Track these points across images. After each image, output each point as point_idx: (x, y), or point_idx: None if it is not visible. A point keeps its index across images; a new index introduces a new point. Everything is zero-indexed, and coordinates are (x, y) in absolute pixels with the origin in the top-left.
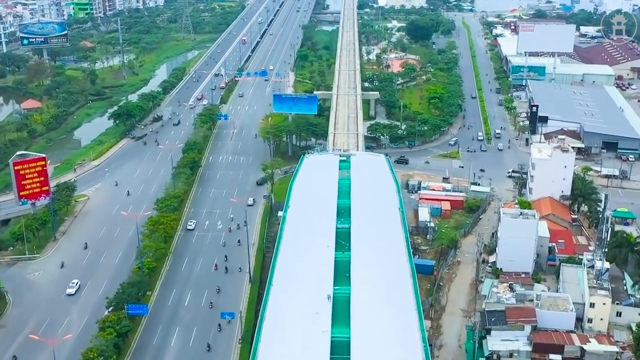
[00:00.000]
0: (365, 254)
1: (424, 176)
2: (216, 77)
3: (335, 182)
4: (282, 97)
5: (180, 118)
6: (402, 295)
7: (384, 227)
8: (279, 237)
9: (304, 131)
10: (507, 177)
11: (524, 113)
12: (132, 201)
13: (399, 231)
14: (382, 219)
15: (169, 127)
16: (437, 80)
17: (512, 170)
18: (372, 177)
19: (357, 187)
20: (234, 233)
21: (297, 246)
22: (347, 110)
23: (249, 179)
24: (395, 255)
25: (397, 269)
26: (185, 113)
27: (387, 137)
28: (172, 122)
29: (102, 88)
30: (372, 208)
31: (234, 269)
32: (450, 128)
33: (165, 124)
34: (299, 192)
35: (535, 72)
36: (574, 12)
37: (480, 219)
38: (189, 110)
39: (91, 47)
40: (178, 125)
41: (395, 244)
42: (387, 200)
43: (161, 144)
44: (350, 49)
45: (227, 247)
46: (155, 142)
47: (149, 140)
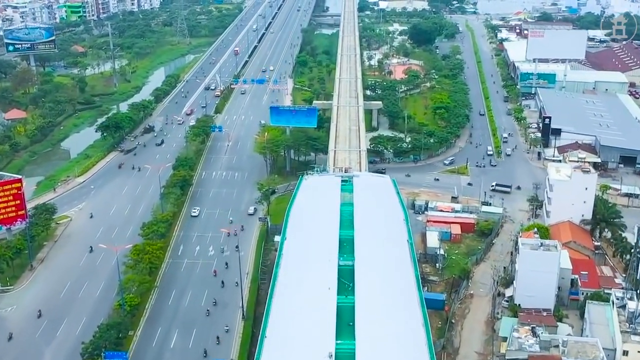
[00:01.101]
0: (371, 299)
1: (430, 194)
2: (206, 90)
3: (336, 209)
4: (279, 110)
5: (165, 137)
6: (413, 343)
7: (391, 263)
8: (275, 276)
9: (303, 146)
10: (491, 190)
11: (535, 124)
12: (118, 223)
13: (407, 269)
14: (389, 254)
15: (151, 147)
16: (442, 88)
17: (495, 184)
18: (376, 203)
19: (360, 216)
20: (226, 258)
21: (295, 288)
22: (349, 122)
23: (244, 197)
24: (404, 295)
25: (406, 310)
26: (173, 132)
27: (390, 151)
28: (154, 142)
29: (91, 96)
30: (378, 242)
31: (226, 301)
32: (457, 140)
33: (157, 135)
34: (297, 220)
35: (545, 80)
36: (580, 14)
37: (494, 244)
38: (177, 128)
39: (82, 52)
40: (161, 145)
41: (404, 283)
42: (394, 231)
43: (147, 164)
44: (350, 55)
45: (219, 276)
46: (133, 168)
47: (139, 154)
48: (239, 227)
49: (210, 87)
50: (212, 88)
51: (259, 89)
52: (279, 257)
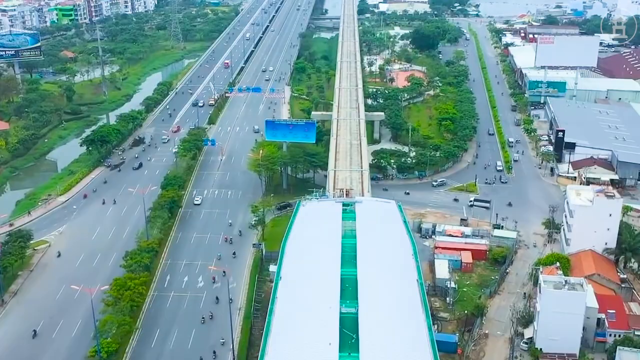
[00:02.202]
0: (377, 355)
1: (437, 215)
2: (194, 106)
3: (337, 242)
4: (275, 124)
5: (143, 161)
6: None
7: (398, 308)
8: (268, 322)
9: (301, 162)
10: (469, 206)
11: (545, 135)
12: (100, 249)
13: (417, 313)
14: (396, 297)
15: (128, 171)
16: (446, 97)
17: (474, 199)
18: (381, 235)
19: (364, 252)
20: (217, 290)
21: (290, 341)
22: (349, 136)
23: (237, 219)
24: (414, 342)
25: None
26: (157, 154)
27: (394, 167)
28: (131, 166)
29: (78, 105)
30: (384, 283)
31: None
32: (464, 154)
33: (137, 156)
34: (293, 255)
35: (554, 88)
36: (586, 17)
37: (508, 273)
38: (161, 148)
39: (72, 58)
40: (138, 169)
41: (413, 329)
42: (402, 269)
43: (131, 187)
44: (351, 61)
45: (209, 311)
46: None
47: (124, 170)
48: (228, 269)
49: (199, 104)
50: (201, 105)
51: (255, 97)
52: (273, 302)
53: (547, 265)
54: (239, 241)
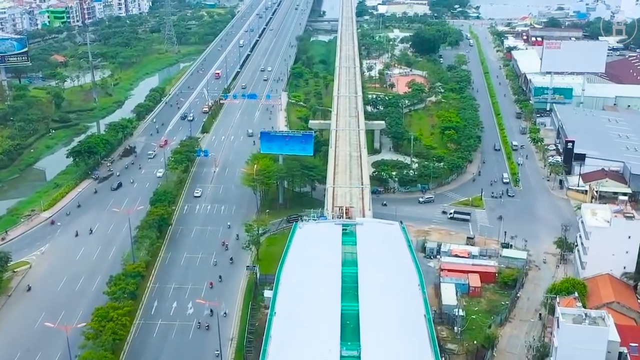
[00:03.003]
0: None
1: (442, 232)
2: (182, 120)
3: (337, 270)
4: (270, 136)
5: (124, 180)
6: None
7: (405, 350)
8: None
9: (298, 176)
10: (449, 218)
11: (552, 145)
12: (84, 271)
13: (426, 354)
14: (402, 337)
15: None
16: (448, 104)
17: (454, 211)
18: (384, 263)
19: (366, 284)
20: (207, 319)
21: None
22: (349, 147)
23: (231, 238)
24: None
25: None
26: (148, 166)
27: (395, 180)
28: (110, 186)
29: (67, 113)
30: (388, 320)
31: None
32: (468, 165)
33: (119, 174)
34: (289, 285)
35: (561, 95)
36: (589, 20)
37: (518, 298)
38: (147, 164)
39: (63, 62)
40: (117, 190)
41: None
42: (408, 303)
43: (115, 206)
44: (349, 66)
45: (199, 341)
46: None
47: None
48: (217, 302)
49: (188, 118)
50: (190, 119)
51: (251, 104)
52: (266, 342)
53: (564, 295)
54: (232, 263)
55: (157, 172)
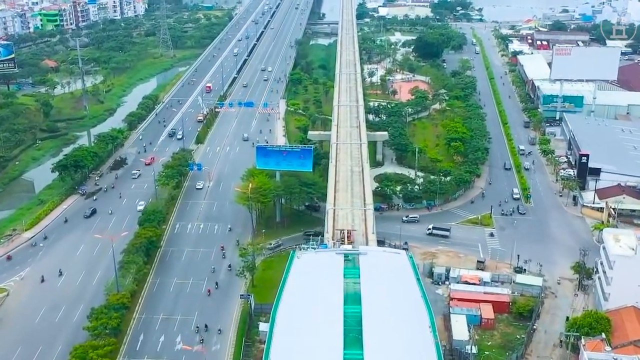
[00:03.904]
0: None
1: (450, 255)
2: (170, 137)
3: (339, 310)
4: (267, 151)
5: (98, 207)
6: None
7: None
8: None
9: (296, 194)
10: (427, 234)
11: (564, 157)
12: (66, 299)
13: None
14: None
15: (103, 200)
16: (453, 112)
17: (432, 227)
18: (391, 299)
19: (371, 325)
20: (198, 356)
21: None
22: (350, 161)
23: (224, 260)
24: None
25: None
26: (138, 181)
27: (399, 195)
28: (83, 214)
29: (54, 122)
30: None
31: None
32: (476, 180)
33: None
34: (286, 326)
35: (571, 103)
36: (595, 22)
37: (535, 330)
38: (144, 171)
39: (54, 67)
40: (90, 217)
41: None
42: (418, 349)
43: (98, 234)
44: (350, 72)
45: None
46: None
47: (100, 198)
48: (204, 349)
49: (177, 136)
50: (179, 137)
51: (247, 112)
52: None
53: (585, 330)
54: (226, 290)
55: (138, 204)
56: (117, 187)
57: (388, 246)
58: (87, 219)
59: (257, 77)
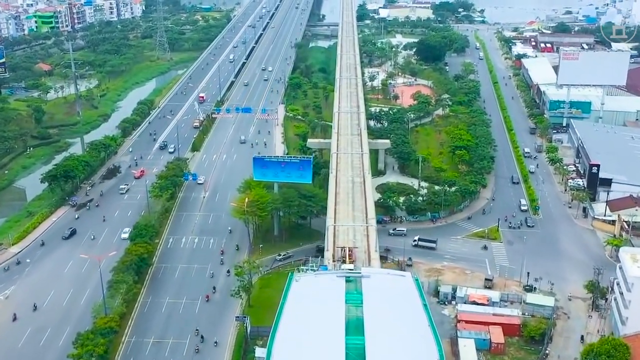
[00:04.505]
0: None
1: (457, 271)
2: (161, 149)
3: (340, 343)
4: (265, 162)
5: (79, 225)
6: None
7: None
8: None
9: (295, 207)
10: (413, 246)
11: (572, 165)
12: (52, 321)
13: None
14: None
15: (97, 211)
16: (457, 118)
17: (418, 239)
18: (396, 329)
19: (374, 352)
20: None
21: None
22: (351, 172)
23: (219, 278)
24: None
25: None
26: (131, 191)
27: (403, 208)
28: (61, 234)
29: (45, 129)
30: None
31: None
32: (482, 190)
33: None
34: (284, 351)
35: (578, 109)
36: (599, 24)
37: (547, 355)
38: (136, 183)
39: (48, 71)
40: (69, 239)
41: None
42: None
43: (84, 253)
44: (351, 77)
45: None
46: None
47: (91, 212)
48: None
49: (169, 150)
50: (171, 151)
51: (245, 118)
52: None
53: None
54: (220, 313)
55: (122, 233)
56: (103, 205)
57: (391, 262)
58: (66, 240)
59: (256, 79)
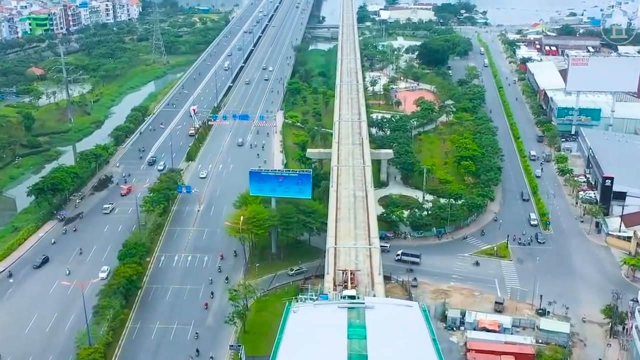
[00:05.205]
0: None
1: (464, 292)
2: (150, 165)
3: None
4: (261, 176)
5: (53, 253)
6: None
7: None
8: None
9: (294, 223)
10: (396, 261)
11: (582, 176)
12: (33, 349)
13: None
14: None
15: (83, 228)
16: (462, 126)
17: (401, 253)
18: None
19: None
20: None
21: None
22: (353, 185)
23: (214, 300)
24: None
25: None
26: (122, 204)
27: (407, 223)
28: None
29: (35, 137)
30: None
31: None
32: (489, 203)
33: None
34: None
35: (587, 116)
36: (605, 27)
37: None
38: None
39: (40, 75)
40: (39, 268)
41: None
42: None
43: (65, 280)
44: (352, 82)
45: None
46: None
47: (80, 227)
48: None
49: (158, 167)
50: (160, 168)
51: (242, 126)
52: None
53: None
54: (214, 341)
55: (100, 272)
56: (83, 229)
57: (395, 282)
58: (36, 269)
59: (257, 79)
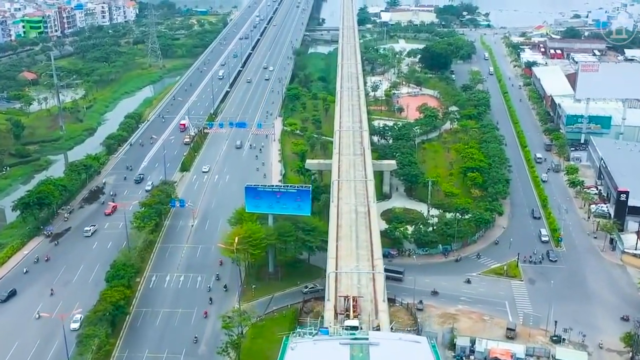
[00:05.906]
0: None
1: (473, 317)
2: (137, 183)
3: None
4: (258, 192)
5: (21, 286)
6: None
7: None
8: None
9: (292, 242)
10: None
11: (594, 188)
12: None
13: None
14: None
15: (69, 245)
16: (467, 135)
17: (384, 269)
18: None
19: None
20: None
21: None
22: (354, 199)
23: (206, 326)
24: None
25: None
26: (112, 220)
27: (411, 240)
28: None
29: (25, 145)
30: None
31: None
32: (497, 218)
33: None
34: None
35: (597, 124)
36: (610, 29)
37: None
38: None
39: (33, 80)
40: (6, 302)
41: None
42: None
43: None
44: (352, 87)
45: None
46: None
47: (63, 244)
48: None
49: (146, 187)
50: (148, 189)
51: (239, 133)
52: None
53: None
54: None
55: (74, 316)
56: (55, 258)
57: (399, 305)
58: (4, 303)
59: (257, 79)
